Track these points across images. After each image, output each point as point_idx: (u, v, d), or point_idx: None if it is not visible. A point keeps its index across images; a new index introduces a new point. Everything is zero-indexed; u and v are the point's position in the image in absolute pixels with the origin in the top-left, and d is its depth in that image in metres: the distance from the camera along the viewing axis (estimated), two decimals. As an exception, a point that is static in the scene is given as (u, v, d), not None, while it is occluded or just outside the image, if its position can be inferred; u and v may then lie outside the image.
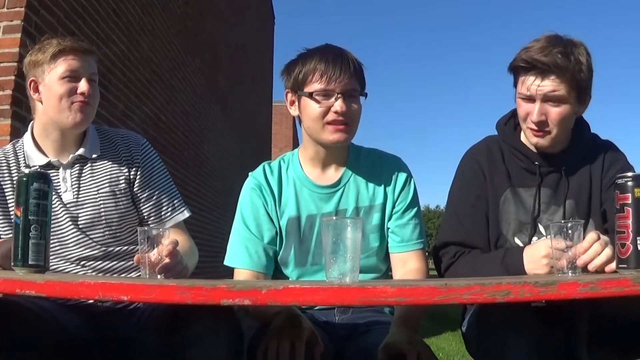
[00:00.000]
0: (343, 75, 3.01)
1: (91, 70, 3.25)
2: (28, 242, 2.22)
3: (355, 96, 3.08)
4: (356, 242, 2.21)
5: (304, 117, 3.12)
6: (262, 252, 3.13)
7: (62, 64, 3.16)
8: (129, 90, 9.29)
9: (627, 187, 2.30)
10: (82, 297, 1.97)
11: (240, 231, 3.18)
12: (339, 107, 2.99)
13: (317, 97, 3.03)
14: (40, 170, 2.80)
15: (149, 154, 3.44)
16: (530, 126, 3.16)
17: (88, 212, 3.22)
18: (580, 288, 2.01)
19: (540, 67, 3.06)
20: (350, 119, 3.06)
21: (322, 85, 3.02)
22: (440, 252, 3.30)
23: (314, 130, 3.09)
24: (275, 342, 2.58)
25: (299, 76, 3.09)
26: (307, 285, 2.00)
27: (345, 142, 3.12)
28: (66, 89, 3.15)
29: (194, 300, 1.94)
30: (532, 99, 3.11)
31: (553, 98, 3.08)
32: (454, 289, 1.97)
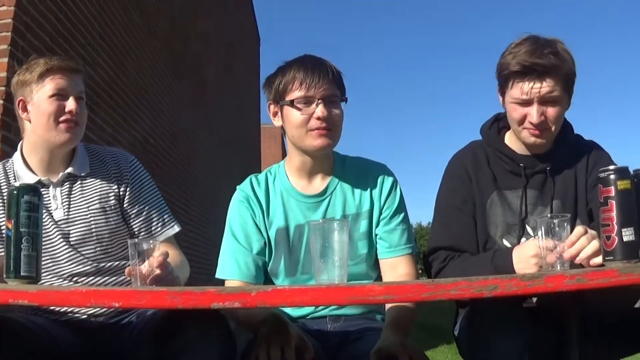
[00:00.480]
0: (322, 81, 3.04)
1: (78, 89, 3.27)
2: (20, 254, 2.23)
3: (335, 102, 3.10)
4: (343, 244, 2.24)
5: (287, 126, 3.14)
6: (252, 263, 3.13)
7: (49, 83, 3.18)
8: (117, 114, 9.32)
9: (609, 180, 2.32)
10: (74, 305, 1.99)
11: (229, 243, 3.19)
12: (321, 113, 3.02)
13: (298, 105, 3.05)
14: (30, 184, 2.82)
15: (137, 170, 3.46)
16: (529, 127, 3.18)
17: (79, 228, 3.23)
18: (567, 280, 2.03)
19: (538, 70, 3.08)
20: (332, 124, 3.08)
21: (302, 92, 3.04)
22: (430, 258, 3.31)
23: (298, 138, 3.11)
24: (265, 348, 2.59)
25: (279, 87, 3.12)
26: (296, 287, 2.03)
27: (329, 148, 3.13)
28: (54, 108, 3.17)
29: (185, 305, 1.96)
30: (529, 102, 3.14)
31: (550, 99, 3.12)
32: (442, 286, 1.99)
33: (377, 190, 3.24)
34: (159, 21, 12.05)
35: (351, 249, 3.13)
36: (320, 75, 3.05)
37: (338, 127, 3.13)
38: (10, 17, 6.35)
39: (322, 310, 3.22)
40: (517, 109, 3.19)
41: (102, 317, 3.19)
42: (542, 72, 3.08)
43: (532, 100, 3.12)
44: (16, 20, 6.41)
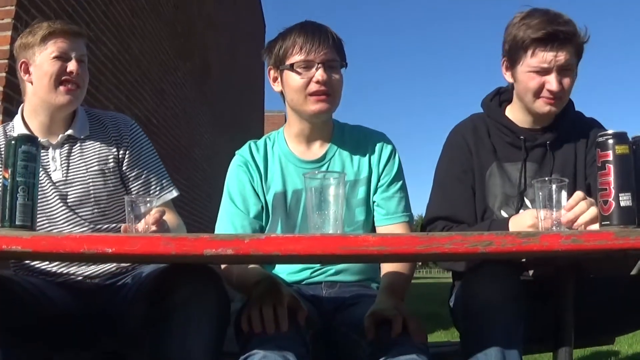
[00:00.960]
0: (322, 46, 3.04)
1: (80, 52, 3.27)
2: (15, 203, 2.22)
3: (335, 67, 3.10)
4: (339, 197, 2.23)
5: (287, 90, 3.14)
6: (248, 227, 3.13)
7: (52, 46, 3.19)
8: (120, 92, 9.32)
9: (607, 145, 2.32)
10: (67, 250, 1.96)
11: (226, 207, 3.19)
12: (320, 77, 3.02)
13: (298, 69, 3.05)
14: (29, 134, 2.82)
15: (137, 134, 3.46)
16: (546, 96, 3.18)
17: (77, 190, 3.24)
18: (563, 240, 2.03)
19: (560, 38, 3.10)
20: (332, 89, 3.08)
21: (302, 56, 3.05)
22: (427, 228, 3.30)
23: (297, 102, 3.11)
24: (257, 308, 2.60)
25: (279, 52, 3.13)
26: (290, 235, 2.02)
27: (328, 112, 3.14)
28: (56, 69, 3.18)
29: (178, 251, 1.95)
30: (547, 71, 3.14)
31: (567, 67, 3.15)
32: (436, 239, 1.99)
33: (376, 158, 3.24)
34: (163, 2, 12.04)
35: (348, 215, 3.15)
36: (320, 40, 3.05)
37: (337, 92, 3.13)
38: (15, -10, 6.35)
39: (317, 276, 3.23)
40: (534, 78, 3.18)
41: (98, 279, 3.20)
42: (563, 40, 3.10)
43: (552, 68, 3.13)
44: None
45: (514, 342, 2.57)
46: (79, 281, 3.19)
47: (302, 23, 3.18)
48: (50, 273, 3.18)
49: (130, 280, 3.17)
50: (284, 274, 3.24)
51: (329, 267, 3.23)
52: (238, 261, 2.75)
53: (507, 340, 2.56)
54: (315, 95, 3.06)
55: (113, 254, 1.99)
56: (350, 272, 3.26)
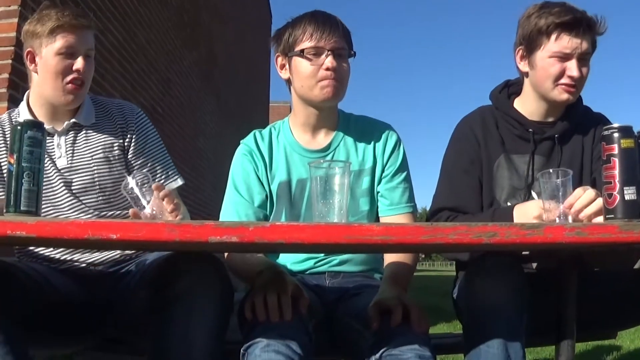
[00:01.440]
0: (332, 34, 3.06)
1: (88, 46, 3.23)
2: (20, 189, 2.21)
3: (344, 55, 3.12)
4: (344, 186, 2.24)
5: (295, 77, 3.15)
6: (252, 215, 3.14)
7: (59, 40, 3.13)
8: (126, 81, 9.32)
9: (613, 138, 2.31)
10: (72, 236, 1.96)
11: (231, 196, 3.20)
12: (330, 63, 3.03)
13: (308, 55, 3.06)
14: (34, 120, 2.81)
15: (143, 122, 3.46)
16: (567, 82, 3.18)
17: (82, 177, 3.24)
18: (567, 232, 2.02)
19: (584, 24, 3.13)
20: (340, 77, 3.09)
21: (312, 43, 3.06)
22: (432, 219, 3.30)
23: (306, 89, 3.12)
24: (261, 296, 2.59)
25: (289, 39, 3.13)
26: (294, 223, 2.02)
27: (335, 99, 3.15)
28: (62, 67, 3.15)
29: (182, 238, 1.95)
30: (569, 57, 3.16)
31: (586, 57, 3.18)
32: (440, 229, 1.98)
33: (381, 148, 3.25)
34: (170, -9, 12.03)
35: (353, 205, 3.16)
36: (330, 27, 3.07)
37: (345, 80, 3.14)
38: (22, -22, 6.34)
39: (321, 266, 3.24)
40: (555, 63, 3.18)
41: (102, 266, 3.21)
42: (587, 28, 3.14)
43: (573, 55, 3.14)
44: (27, -19, 6.40)
45: (516, 335, 2.57)
46: (82, 268, 3.19)
47: (312, 12, 3.19)
48: (54, 260, 3.18)
49: (134, 267, 3.17)
50: (288, 264, 3.25)
51: (332, 258, 3.23)
52: (242, 249, 2.75)
53: (510, 333, 2.56)
54: (324, 81, 3.07)
55: (117, 240, 1.99)
56: (354, 263, 3.26)
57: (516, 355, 2.56)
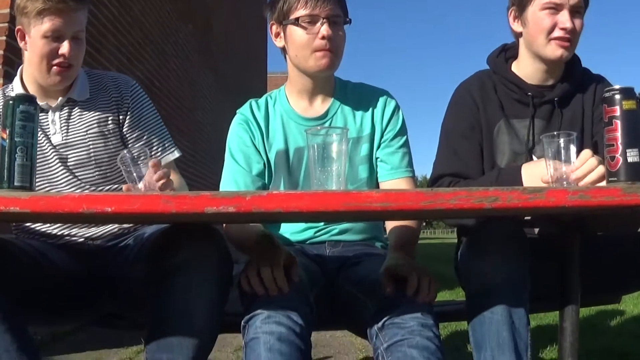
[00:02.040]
0: (327, 1, 3.01)
1: (76, 28, 3.15)
2: (14, 164, 2.19)
3: (339, 23, 3.08)
4: (342, 153, 2.22)
5: (290, 46, 3.12)
6: (251, 184, 3.12)
7: (46, 22, 3.05)
8: (121, 54, 9.28)
9: (614, 100, 2.28)
10: (66, 210, 1.94)
11: (229, 165, 3.18)
12: (325, 32, 2.99)
13: (303, 24, 3.03)
14: (27, 94, 2.78)
15: (138, 95, 3.42)
16: (559, 35, 3.15)
17: (77, 152, 3.21)
18: (570, 196, 2.00)
19: None
20: (335, 46, 3.06)
21: (307, 10, 3.01)
22: (434, 186, 3.27)
23: (301, 58, 3.09)
24: (254, 270, 2.57)
25: (283, 6, 3.09)
26: (292, 192, 2.00)
27: (331, 69, 3.12)
28: (47, 50, 3.09)
29: (178, 209, 1.92)
30: (558, 8, 3.13)
31: (578, 9, 3.14)
32: (441, 194, 1.96)
33: (379, 114, 3.22)
34: (165, -37, 11.98)
35: (351, 172, 3.14)
36: None
37: (341, 48, 3.11)
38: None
39: (321, 235, 3.23)
40: (546, 17, 3.16)
41: (100, 240, 3.19)
42: None
43: (564, 6, 3.11)
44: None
45: (520, 301, 2.57)
46: (80, 243, 3.17)
47: None
48: (51, 235, 3.17)
49: (132, 241, 3.16)
50: (288, 234, 3.24)
51: (332, 227, 3.23)
52: (240, 219, 2.72)
53: (513, 299, 2.55)
54: (320, 51, 3.03)
55: (112, 213, 1.96)
56: (354, 232, 3.25)
57: (520, 321, 2.55)
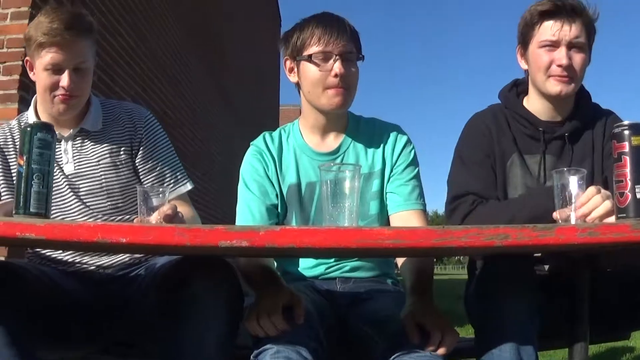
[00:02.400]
0: (340, 37, 3.02)
1: (77, 60, 3.12)
2: (30, 190, 2.21)
3: (352, 60, 3.09)
4: (355, 190, 2.23)
5: (303, 82, 3.13)
6: (265, 212, 3.11)
7: (46, 55, 3.06)
8: (136, 84, 9.35)
9: (623, 136, 2.28)
10: (81, 239, 1.95)
11: (242, 194, 3.18)
12: (338, 70, 3.00)
13: (316, 60, 3.03)
14: (44, 122, 2.80)
15: (151, 126, 3.42)
16: (557, 72, 3.15)
17: (89, 183, 3.23)
18: (579, 233, 2.00)
19: (567, 10, 3.12)
20: (348, 83, 3.06)
21: (320, 47, 3.02)
22: (455, 202, 3.24)
23: (314, 95, 3.09)
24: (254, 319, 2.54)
25: (297, 42, 3.10)
26: (305, 227, 2.02)
27: (344, 107, 3.12)
28: (48, 83, 3.10)
29: (192, 242, 1.94)
30: (556, 45, 3.14)
31: (577, 44, 3.14)
32: (451, 232, 1.97)
33: (390, 149, 3.21)
34: (180, -6, 12.07)
35: (363, 208, 3.12)
36: (338, 31, 3.03)
37: (353, 86, 3.11)
38: (33, -20, 6.38)
39: (332, 272, 3.21)
40: (543, 54, 3.17)
41: (111, 269, 3.20)
42: (571, 12, 3.12)
43: (560, 42, 3.12)
44: (38, -17, 6.43)
45: (528, 338, 2.55)
46: (91, 271, 3.19)
47: (320, 14, 3.16)
48: (63, 262, 3.19)
49: (143, 271, 3.16)
50: (300, 268, 3.24)
51: (344, 264, 3.21)
52: (253, 253, 2.72)
53: (522, 336, 2.53)
54: (332, 88, 3.04)
55: (127, 244, 1.98)
56: (365, 269, 3.23)
57: (529, 358, 2.54)
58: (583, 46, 3.15)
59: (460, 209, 3.19)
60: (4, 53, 6.21)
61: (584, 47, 3.16)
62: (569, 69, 3.13)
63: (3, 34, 6.26)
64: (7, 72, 6.15)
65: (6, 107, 6.15)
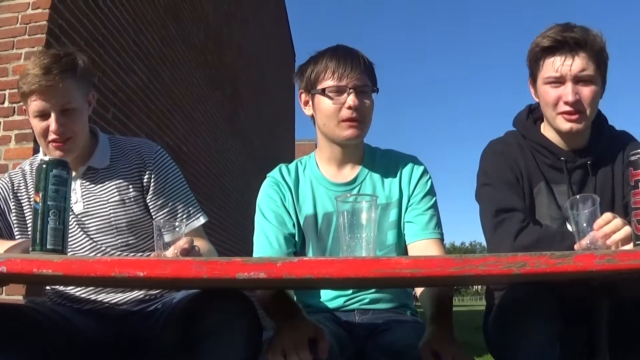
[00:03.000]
0: (354, 71, 3.04)
1: (61, 102, 3.10)
2: (46, 227, 2.22)
3: (367, 92, 3.10)
4: (372, 220, 2.23)
5: (318, 115, 3.15)
6: (283, 240, 3.11)
7: (32, 103, 3.08)
8: (151, 120, 9.40)
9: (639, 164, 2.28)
10: (98, 274, 1.95)
11: (260, 223, 3.19)
12: (352, 102, 3.02)
13: (330, 94, 3.06)
14: (59, 159, 2.80)
15: (162, 161, 3.40)
16: (564, 109, 3.10)
17: (98, 220, 3.23)
18: (597, 260, 1.99)
19: (570, 44, 3.04)
20: (362, 115, 3.08)
21: (334, 81, 3.05)
22: (501, 216, 3.13)
23: (328, 127, 3.12)
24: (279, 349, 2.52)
25: (311, 75, 3.13)
26: (322, 258, 2.01)
27: (358, 139, 3.14)
28: (39, 130, 3.11)
29: (210, 274, 1.94)
30: (561, 81, 3.08)
31: (584, 77, 3.06)
32: (469, 261, 1.96)
33: (406, 179, 3.22)
34: (193, 31, 12.15)
35: (380, 238, 3.12)
36: (352, 64, 3.05)
37: (368, 117, 3.13)
38: (45, 19, 6.48)
39: (351, 304, 3.20)
40: (549, 91, 3.12)
41: (126, 305, 3.20)
42: (573, 46, 3.04)
43: (565, 78, 3.06)
44: (51, 22, 6.53)
45: (549, 365, 2.54)
46: (106, 307, 3.19)
47: (334, 47, 3.18)
48: (80, 299, 3.20)
49: (160, 306, 3.16)
50: (318, 302, 3.23)
51: (363, 296, 3.21)
52: (271, 285, 2.71)
53: (543, 363, 2.52)
54: (347, 121, 3.06)
55: (144, 278, 1.98)
56: (384, 301, 3.23)
57: None
58: (591, 79, 3.07)
59: (510, 223, 3.09)
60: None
61: (593, 79, 3.08)
62: (577, 104, 3.07)
63: (18, 74, 6.27)
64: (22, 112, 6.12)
65: (22, 147, 6.22)
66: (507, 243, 3.00)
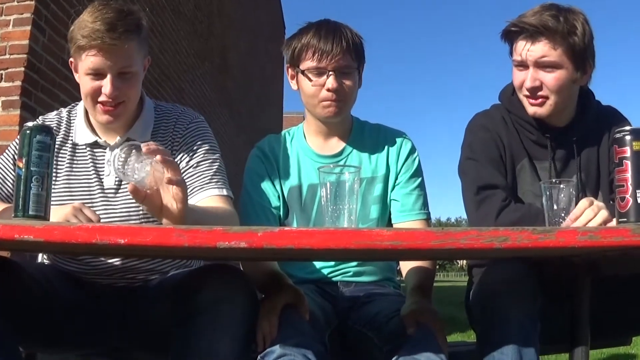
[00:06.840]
0: (335, 52, 3.04)
1: (121, 64, 2.89)
2: (29, 193, 2.20)
3: (348, 73, 3.10)
4: (354, 192, 2.22)
5: (301, 92, 3.19)
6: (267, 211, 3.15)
7: (87, 59, 2.86)
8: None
9: (625, 141, 2.28)
10: (79, 240, 1.93)
11: (244, 194, 3.21)
12: (331, 85, 3.04)
13: (310, 75, 3.08)
14: (43, 124, 2.71)
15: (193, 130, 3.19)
16: (525, 94, 3.11)
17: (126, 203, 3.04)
18: (579, 236, 2.00)
19: (529, 30, 3.02)
20: (342, 96, 3.10)
21: (314, 63, 3.07)
22: (483, 193, 3.12)
23: (310, 105, 3.17)
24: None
25: (295, 52, 3.14)
26: (303, 229, 2.01)
27: (337, 117, 3.16)
28: (90, 89, 2.91)
29: (191, 243, 1.93)
30: (524, 65, 3.08)
31: (546, 63, 3.04)
32: (451, 234, 1.96)
33: (394, 155, 3.24)
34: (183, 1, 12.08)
35: (363, 212, 3.15)
36: (333, 44, 3.04)
37: (349, 97, 3.14)
38: (35, -15, 6.40)
39: (335, 276, 3.22)
40: (516, 73, 3.14)
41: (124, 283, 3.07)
42: (533, 33, 3.02)
43: (526, 62, 3.06)
44: (40, -11, 6.45)
45: (530, 341, 2.54)
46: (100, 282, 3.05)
47: (318, 23, 3.17)
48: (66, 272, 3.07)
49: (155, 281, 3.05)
50: (302, 273, 3.23)
51: (346, 269, 3.22)
52: (252, 255, 2.70)
53: (524, 340, 2.53)
54: (326, 101, 3.09)
55: (125, 245, 1.96)
56: (367, 274, 3.25)
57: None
58: (555, 64, 3.03)
59: (491, 201, 3.09)
60: (6, 60, 6.22)
61: (558, 64, 3.04)
62: (535, 90, 3.08)
63: (5, 41, 6.27)
64: (9, 79, 6.15)
65: (9, 114, 6.17)
66: (489, 221, 3.01)
